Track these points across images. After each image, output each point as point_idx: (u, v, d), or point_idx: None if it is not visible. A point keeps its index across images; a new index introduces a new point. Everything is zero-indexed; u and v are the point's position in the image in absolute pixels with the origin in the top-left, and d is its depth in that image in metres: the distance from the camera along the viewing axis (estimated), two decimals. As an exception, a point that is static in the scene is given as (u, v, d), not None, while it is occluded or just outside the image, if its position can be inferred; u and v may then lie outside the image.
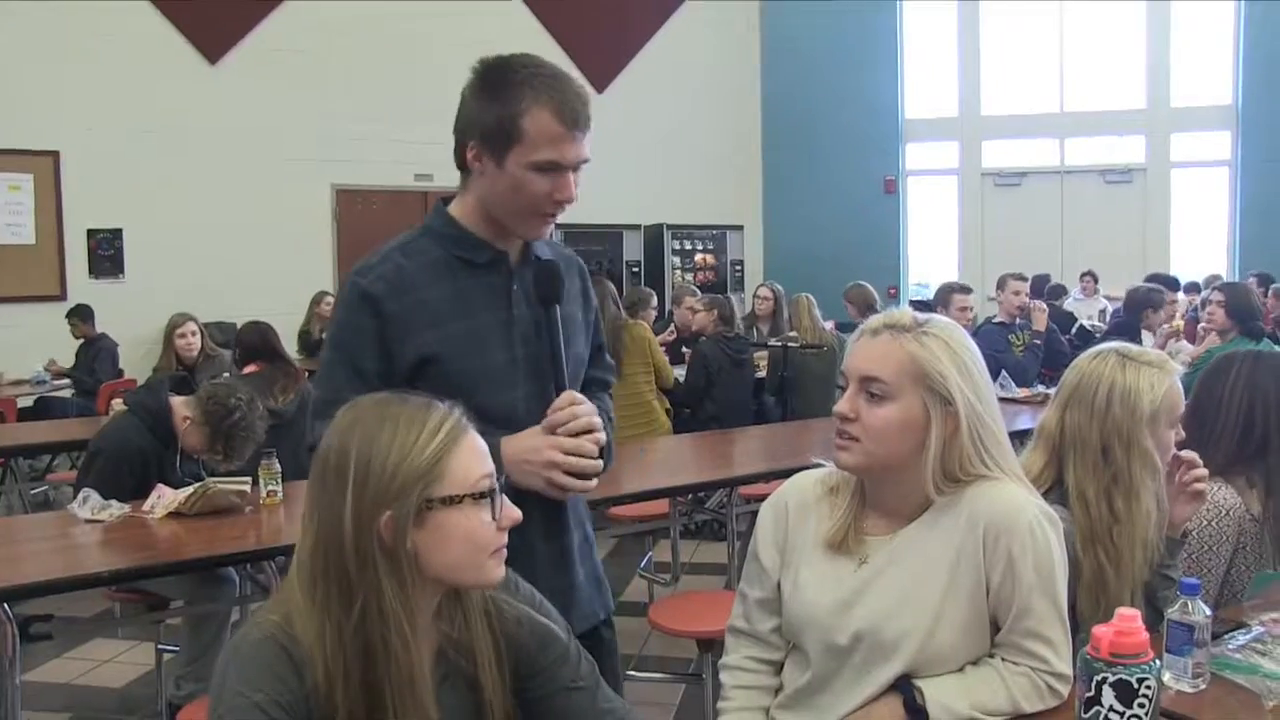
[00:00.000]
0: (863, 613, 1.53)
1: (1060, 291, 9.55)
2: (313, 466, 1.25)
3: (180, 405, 3.42)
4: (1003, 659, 1.51)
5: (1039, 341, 5.85)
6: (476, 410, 1.67)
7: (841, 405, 1.53)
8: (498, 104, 1.62)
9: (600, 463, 1.65)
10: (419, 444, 1.21)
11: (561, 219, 1.84)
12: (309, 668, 1.18)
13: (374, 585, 1.18)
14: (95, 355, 7.41)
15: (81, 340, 7.55)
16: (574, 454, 1.62)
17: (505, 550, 1.28)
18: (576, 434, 1.62)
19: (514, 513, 1.28)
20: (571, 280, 1.84)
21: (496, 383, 1.69)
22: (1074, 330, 8.26)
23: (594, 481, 1.66)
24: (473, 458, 1.25)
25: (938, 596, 1.50)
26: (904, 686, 1.48)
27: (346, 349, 1.67)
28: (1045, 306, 6.26)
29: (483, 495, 1.24)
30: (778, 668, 1.67)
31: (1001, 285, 5.99)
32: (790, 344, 5.91)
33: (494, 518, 1.25)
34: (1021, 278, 6.04)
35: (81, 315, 7.58)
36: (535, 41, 10.11)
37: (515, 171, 1.63)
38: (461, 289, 1.70)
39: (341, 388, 1.62)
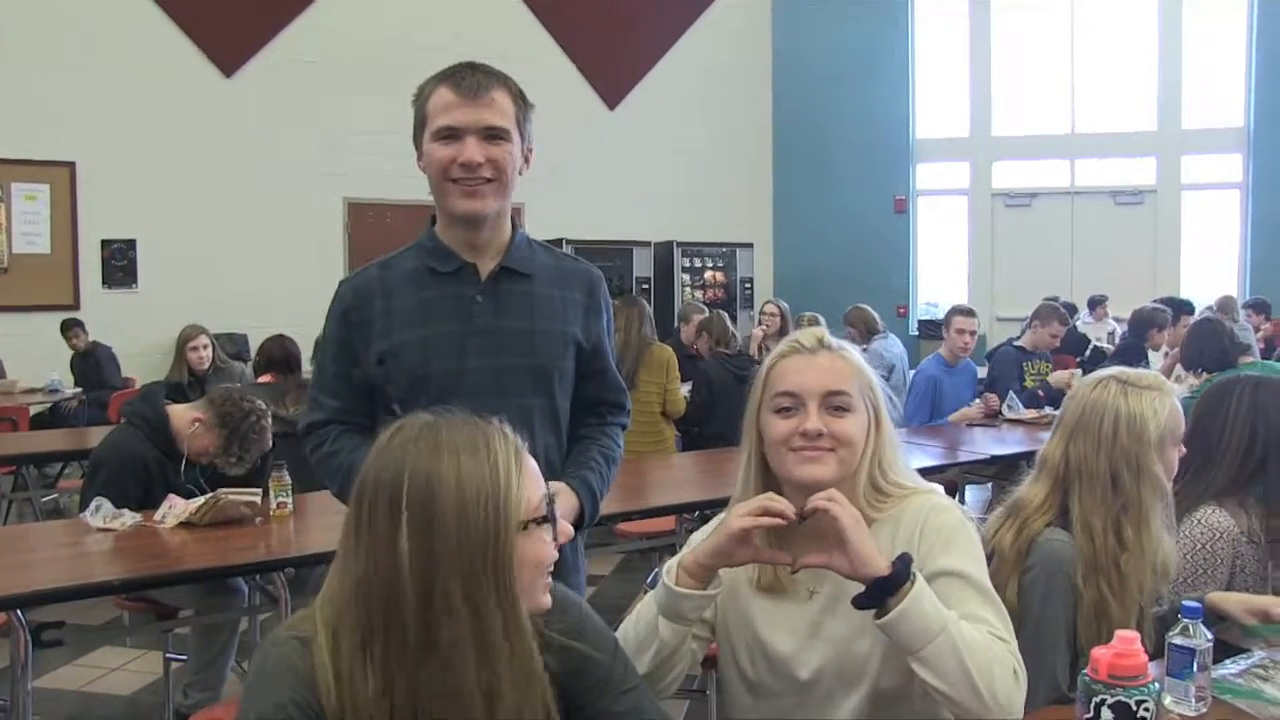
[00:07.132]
0: (823, 645, 1.51)
1: (1070, 311, 9.49)
2: (364, 506, 1.17)
3: (184, 410, 3.44)
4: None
5: (1042, 393, 5.59)
6: None
7: (812, 423, 1.50)
8: (416, 104, 1.80)
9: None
10: (496, 476, 1.16)
11: (571, 235, 1.88)
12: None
13: (473, 622, 1.13)
14: (97, 363, 7.47)
15: (77, 351, 7.59)
16: None
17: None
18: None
19: (568, 529, 1.28)
20: (569, 291, 1.86)
21: (440, 391, 1.72)
22: (1088, 352, 8.22)
23: None
24: (534, 481, 1.22)
25: None
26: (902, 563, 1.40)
27: (323, 352, 1.94)
28: (1079, 375, 5.94)
29: (545, 519, 1.22)
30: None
31: (1044, 320, 5.73)
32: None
33: (554, 537, 1.24)
34: (1065, 320, 5.82)
35: (82, 326, 7.68)
36: (548, 58, 10.18)
37: (426, 149, 1.78)
38: (425, 299, 1.80)
39: (315, 385, 1.95)
